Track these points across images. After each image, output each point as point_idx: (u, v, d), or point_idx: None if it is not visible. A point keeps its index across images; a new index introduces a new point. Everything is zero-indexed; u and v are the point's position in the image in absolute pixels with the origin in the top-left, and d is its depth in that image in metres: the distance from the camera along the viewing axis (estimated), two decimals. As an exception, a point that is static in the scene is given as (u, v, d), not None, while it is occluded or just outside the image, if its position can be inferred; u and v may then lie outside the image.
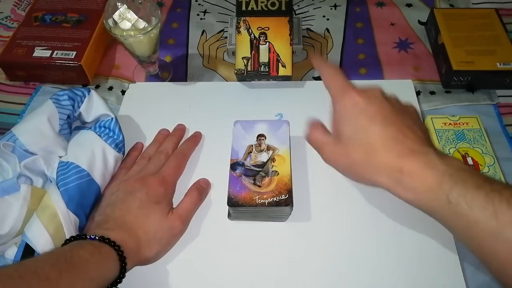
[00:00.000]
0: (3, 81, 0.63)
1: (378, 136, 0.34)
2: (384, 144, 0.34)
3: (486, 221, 0.28)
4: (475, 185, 0.30)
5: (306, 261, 0.43)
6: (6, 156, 0.45)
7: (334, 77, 0.39)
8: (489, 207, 0.28)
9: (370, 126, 0.35)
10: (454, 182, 0.30)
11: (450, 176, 0.31)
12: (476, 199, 0.29)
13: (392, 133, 0.34)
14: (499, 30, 0.60)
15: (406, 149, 0.33)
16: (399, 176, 0.33)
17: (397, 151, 0.33)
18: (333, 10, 0.71)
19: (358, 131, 0.35)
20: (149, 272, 0.43)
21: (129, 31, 0.50)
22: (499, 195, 0.29)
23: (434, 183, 0.31)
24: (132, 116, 0.56)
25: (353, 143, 0.36)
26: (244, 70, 0.57)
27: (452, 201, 0.30)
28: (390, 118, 0.35)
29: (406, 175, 0.32)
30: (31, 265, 0.33)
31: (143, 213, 0.42)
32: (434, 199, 0.31)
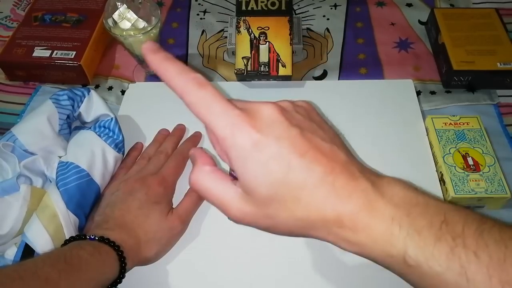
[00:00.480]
0: (3, 81, 0.63)
1: (302, 186, 0.26)
2: (313, 194, 0.26)
3: (455, 282, 0.24)
4: (434, 237, 0.24)
5: (306, 261, 0.43)
6: (5, 156, 0.45)
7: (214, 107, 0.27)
8: (455, 265, 0.24)
9: (288, 176, 0.26)
10: (407, 235, 0.25)
11: (400, 226, 0.25)
12: (439, 257, 0.24)
13: (319, 176, 0.26)
14: (500, 30, 0.60)
15: (341, 191, 0.26)
16: (339, 230, 0.26)
17: (331, 199, 0.26)
18: (333, 9, 0.71)
19: (275, 185, 0.26)
20: (149, 272, 0.43)
21: (128, 31, 0.50)
22: (463, 248, 0.24)
23: (383, 238, 0.25)
24: (132, 116, 0.56)
25: (272, 201, 0.26)
26: (244, 70, 0.57)
27: (410, 263, 0.25)
28: (308, 153, 0.26)
29: (346, 229, 0.26)
30: (31, 266, 0.33)
31: (142, 213, 0.42)
32: (388, 257, 0.26)
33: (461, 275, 0.24)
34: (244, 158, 0.26)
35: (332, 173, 0.26)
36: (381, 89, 0.58)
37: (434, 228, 0.25)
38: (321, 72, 0.62)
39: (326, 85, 0.60)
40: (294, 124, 0.27)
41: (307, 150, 0.26)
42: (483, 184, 0.45)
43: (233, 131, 0.26)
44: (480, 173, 0.46)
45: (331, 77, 0.62)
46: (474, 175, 0.46)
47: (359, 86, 0.59)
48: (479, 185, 0.45)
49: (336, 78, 0.61)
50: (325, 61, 0.64)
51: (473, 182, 0.46)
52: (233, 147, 0.26)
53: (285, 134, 0.26)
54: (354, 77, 0.61)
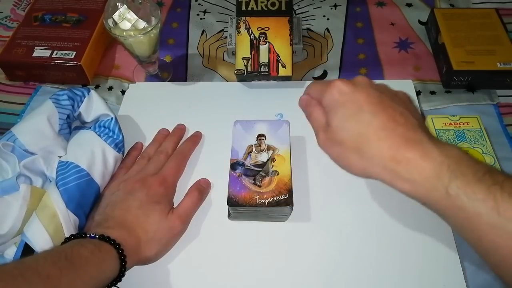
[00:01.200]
0: (3, 81, 0.63)
1: (368, 125, 0.33)
2: (376, 133, 0.32)
3: (488, 214, 0.28)
4: (475, 179, 0.29)
5: (306, 261, 0.43)
6: (5, 156, 0.45)
7: (315, 84, 0.39)
8: (490, 201, 0.28)
9: (359, 115, 0.33)
10: (453, 174, 0.29)
11: (449, 167, 0.30)
12: (477, 192, 0.28)
13: (382, 121, 0.32)
14: (499, 30, 0.60)
15: (400, 137, 0.32)
16: (394, 166, 0.31)
17: (390, 140, 0.32)
18: (333, 10, 0.71)
19: (347, 120, 0.34)
20: (149, 272, 0.43)
21: (129, 31, 0.50)
22: (500, 188, 0.28)
23: (432, 175, 0.30)
24: (132, 116, 0.56)
25: (344, 132, 0.34)
26: (244, 70, 0.57)
27: (451, 193, 0.29)
28: (379, 105, 0.33)
29: (401, 165, 0.31)
30: (32, 263, 0.33)
31: (143, 213, 0.42)
32: (432, 191, 0.30)
33: (493, 209, 0.27)
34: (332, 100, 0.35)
35: (394, 122, 0.32)
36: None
37: (478, 174, 0.29)
38: (321, 72, 0.62)
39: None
40: (376, 89, 0.35)
41: (378, 103, 0.33)
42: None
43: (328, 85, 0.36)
44: (480, 173, 0.46)
45: (331, 77, 0.62)
46: (474, 175, 0.46)
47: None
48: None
49: (336, 78, 0.61)
50: (325, 61, 0.64)
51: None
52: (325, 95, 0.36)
53: (366, 91, 0.34)
54: (354, 77, 0.61)
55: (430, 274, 0.42)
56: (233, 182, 0.45)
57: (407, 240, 0.44)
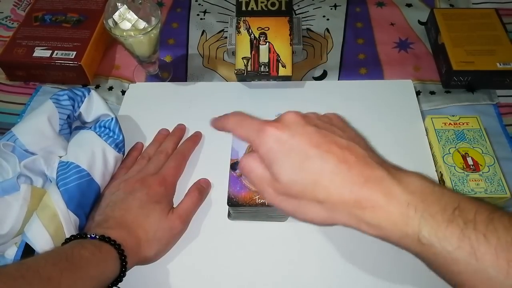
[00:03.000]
0: (3, 81, 0.63)
1: (319, 173, 0.30)
2: (331, 180, 0.30)
3: (466, 260, 0.26)
4: (446, 220, 0.27)
5: (306, 261, 0.43)
6: (6, 156, 0.45)
7: (242, 123, 0.35)
8: (466, 246, 0.26)
9: (307, 163, 0.30)
10: (422, 219, 0.27)
11: (416, 210, 0.28)
12: (450, 238, 0.26)
13: (333, 165, 0.30)
14: (499, 30, 0.60)
15: (357, 177, 0.29)
16: (359, 213, 0.29)
17: (348, 185, 0.29)
18: (333, 10, 0.71)
19: (295, 172, 0.31)
20: (149, 272, 0.43)
21: (129, 32, 0.50)
22: (474, 229, 0.26)
23: (399, 220, 0.28)
24: (132, 116, 0.56)
25: (297, 185, 0.31)
26: (244, 70, 0.57)
27: (424, 242, 0.27)
28: (323, 145, 0.31)
29: (366, 211, 0.29)
30: (32, 265, 0.33)
31: (143, 213, 0.42)
32: (404, 238, 0.28)
33: (470, 254, 0.26)
34: (270, 151, 0.32)
35: (346, 162, 0.30)
36: (381, 89, 0.58)
37: (447, 213, 0.27)
38: (321, 72, 0.62)
39: (326, 85, 0.60)
40: (312, 124, 0.33)
41: (322, 142, 0.31)
42: (483, 184, 0.45)
43: (259, 134, 0.33)
44: (480, 173, 0.46)
45: (331, 77, 0.62)
46: (473, 175, 0.46)
47: (359, 86, 0.59)
48: (478, 185, 0.45)
49: (336, 78, 0.62)
50: (325, 61, 0.64)
51: (473, 182, 0.46)
52: (261, 145, 0.32)
53: (302, 131, 0.32)
54: (354, 77, 0.61)
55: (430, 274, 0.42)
56: (233, 182, 0.45)
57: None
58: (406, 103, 0.56)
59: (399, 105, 0.56)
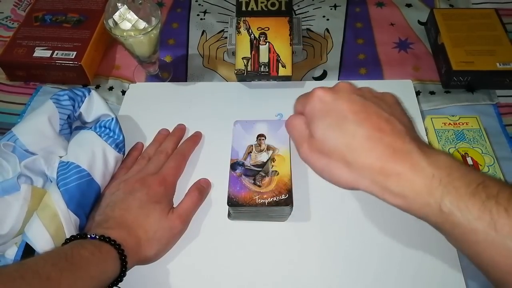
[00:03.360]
0: (3, 81, 0.63)
1: (353, 135, 0.31)
2: (362, 144, 0.31)
3: (484, 231, 0.27)
4: (469, 192, 0.28)
5: (305, 261, 0.43)
6: (6, 156, 0.45)
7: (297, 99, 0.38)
8: (486, 217, 0.27)
9: (343, 125, 0.32)
10: (445, 189, 0.28)
11: (440, 182, 0.28)
12: (471, 208, 0.27)
13: (367, 131, 0.31)
14: (499, 30, 0.60)
15: (387, 148, 0.30)
16: (383, 180, 0.30)
17: (377, 151, 0.30)
18: (333, 10, 0.71)
19: (332, 130, 0.32)
20: (149, 272, 0.43)
21: (129, 32, 0.50)
22: (496, 203, 0.27)
23: (423, 190, 0.29)
24: (132, 116, 0.56)
25: (330, 143, 0.32)
26: (244, 70, 0.57)
27: (445, 210, 0.28)
28: (362, 113, 0.32)
29: (391, 179, 0.30)
30: (32, 265, 0.33)
31: (143, 213, 0.42)
32: (425, 207, 0.29)
33: (490, 225, 0.26)
34: (313, 109, 0.34)
35: (380, 131, 0.31)
36: (380, 89, 0.58)
37: (471, 187, 0.28)
38: (321, 72, 0.62)
39: (326, 85, 0.60)
40: (360, 94, 0.34)
41: (361, 111, 0.32)
42: (483, 184, 0.45)
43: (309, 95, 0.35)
44: (480, 173, 0.46)
45: (331, 77, 0.62)
46: (473, 175, 0.46)
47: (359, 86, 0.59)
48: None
49: (336, 78, 0.62)
50: (325, 62, 0.64)
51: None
52: (306, 104, 0.35)
53: (348, 98, 0.33)
54: (353, 77, 0.61)
55: (430, 274, 0.42)
56: (233, 182, 0.45)
57: (406, 240, 0.44)
58: (406, 103, 0.55)
59: (399, 105, 0.56)
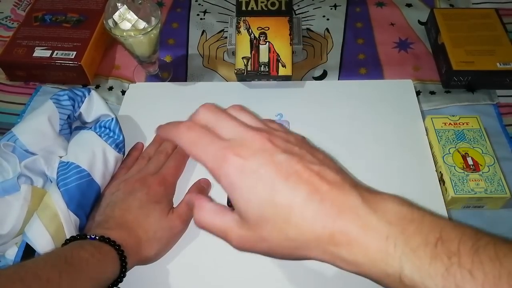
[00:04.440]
0: (3, 81, 0.63)
1: (289, 205, 0.27)
2: (301, 214, 0.27)
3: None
4: (429, 255, 0.24)
5: (305, 261, 0.43)
6: (6, 156, 0.45)
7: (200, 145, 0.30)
8: (451, 285, 0.24)
9: (275, 197, 0.27)
10: (402, 254, 0.25)
11: (395, 245, 0.25)
12: (434, 276, 0.24)
13: (304, 195, 0.27)
14: (499, 30, 0.60)
15: (331, 208, 0.27)
16: (333, 248, 0.27)
17: (320, 217, 0.26)
18: (333, 10, 0.71)
19: (263, 207, 0.28)
20: (149, 272, 0.43)
21: (129, 32, 0.50)
22: (459, 267, 0.24)
23: (378, 257, 0.26)
24: (132, 116, 0.56)
25: (264, 223, 0.28)
26: (244, 70, 0.57)
27: (405, 281, 0.25)
28: (293, 175, 0.28)
29: (341, 246, 0.26)
30: (31, 267, 0.33)
31: (143, 213, 0.42)
32: (385, 277, 0.26)
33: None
34: (234, 184, 0.28)
35: (318, 192, 0.27)
36: (381, 89, 0.58)
37: (429, 246, 0.25)
38: (321, 72, 0.62)
39: (326, 85, 0.60)
40: (281, 150, 0.29)
41: (291, 173, 0.28)
42: (483, 184, 0.46)
43: (219, 162, 0.29)
44: (480, 173, 0.46)
45: (331, 77, 0.62)
46: (473, 175, 0.46)
47: (359, 86, 0.59)
48: (478, 185, 0.45)
49: (336, 78, 0.62)
50: (325, 61, 0.64)
51: (473, 182, 0.46)
52: (222, 176, 0.29)
53: (270, 159, 0.28)
54: (354, 77, 0.61)
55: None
56: (233, 182, 0.45)
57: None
58: (406, 103, 0.56)
59: (399, 105, 0.56)
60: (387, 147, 0.52)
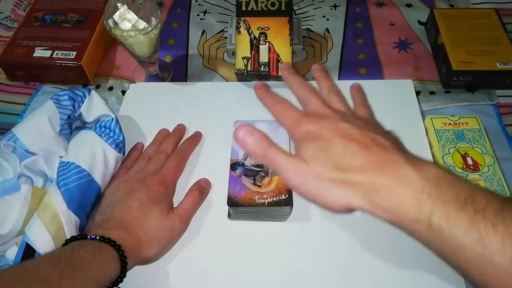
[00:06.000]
0: (3, 81, 0.63)
1: (341, 154, 0.32)
2: (350, 162, 0.31)
3: (472, 247, 0.27)
4: (457, 207, 0.28)
5: (306, 261, 0.43)
6: (6, 156, 0.45)
7: (284, 113, 0.38)
8: (474, 232, 0.27)
9: (330, 147, 0.33)
10: (434, 204, 0.28)
11: (429, 196, 0.28)
12: (459, 224, 0.27)
13: (355, 150, 0.32)
14: (499, 30, 0.60)
15: (375, 162, 0.31)
16: (374, 194, 0.30)
17: (366, 166, 0.31)
18: (333, 10, 0.71)
19: (321, 152, 0.33)
20: (149, 272, 0.43)
21: (129, 32, 0.50)
22: (483, 218, 0.27)
23: (412, 205, 0.29)
24: (132, 116, 0.56)
25: (319, 161, 0.32)
26: (244, 70, 0.57)
27: (434, 226, 0.28)
28: (348, 135, 0.33)
29: (381, 193, 0.30)
30: (32, 267, 0.33)
31: (143, 213, 0.42)
32: (415, 223, 0.29)
33: (478, 241, 0.26)
34: (301, 140, 0.35)
35: (366, 149, 0.32)
36: (380, 89, 0.58)
37: (459, 201, 0.28)
38: (321, 72, 0.62)
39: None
40: (344, 121, 0.34)
41: (347, 135, 0.33)
42: (483, 184, 0.46)
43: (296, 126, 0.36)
44: (480, 173, 0.46)
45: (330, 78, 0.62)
46: (473, 175, 0.46)
47: (359, 86, 0.59)
48: (478, 185, 0.45)
49: (336, 78, 0.62)
50: (325, 62, 0.64)
51: (473, 182, 0.46)
52: (294, 135, 0.36)
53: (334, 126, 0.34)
54: (354, 77, 0.61)
55: (430, 276, 0.42)
56: (233, 182, 0.45)
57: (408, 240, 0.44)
58: (406, 103, 0.56)
59: (399, 105, 0.56)
60: (387, 147, 0.52)
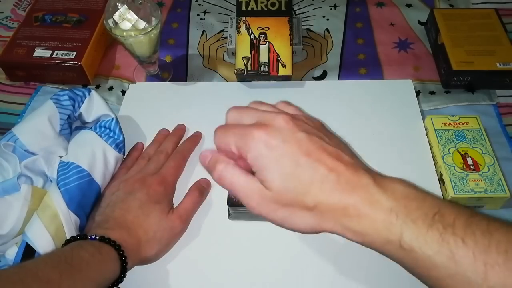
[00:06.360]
0: (3, 81, 0.63)
1: (310, 180, 0.30)
2: (321, 187, 0.30)
3: (445, 265, 0.27)
4: (426, 225, 0.28)
5: (306, 261, 0.43)
6: (6, 156, 0.45)
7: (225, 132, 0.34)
8: (444, 250, 0.27)
9: (298, 171, 0.31)
10: (403, 223, 0.28)
11: (398, 215, 0.28)
12: (430, 242, 0.27)
13: (323, 172, 0.30)
14: (499, 30, 0.60)
15: (345, 185, 0.30)
16: (346, 220, 0.30)
17: (337, 192, 0.30)
18: (333, 10, 0.71)
19: (287, 179, 0.31)
20: (149, 272, 0.43)
21: (129, 32, 0.50)
22: (452, 234, 0.27)
23: (382, 226, 0.29)
24: (132, 116, 0.56)
25: (288, 192, 0.31)
26: (244, 70, 0.57)
27: (405, 246, 0.28)
28: (313, 153, 0.31)
29: (352, 218, 0.30)
30: (32, 268, 0.33)
31: (143, 213, 0.42)
32: (387, 244, 0.29)
33: (449, 258, 0.27)
34: (260, 156, 0.31)
35: (335, 171, 0.30)
36: (380, 89, 0.58)
37: (428, 218, 0.28)
38: (321, 72, 0.62)
39: (326, 85, 0.60)
40: (302, 130, 0.32)
41: (312, 150, 0.31)
42: (483, 184, 0.46)
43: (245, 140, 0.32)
44: (480, 173, 0.46)
45: (331, 77, 0.62)
46: (473, 175, 0.46)
47: (359, 86, 0.59)
48: (478, 185, 0.46)
49: (336, 78, 0.62)
50: (325, 61, 0.64)
51: (473, 182, 0.46)
52: (249, 151, 0.32)
53: (293, 137, 0.32)
54: (354, 77, 0.61)
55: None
56: (233, 182, 0.45)
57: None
58: (406, 103, 0.56)
59: (399, 105, 0.56)
60: (387, 147, 0.52)
